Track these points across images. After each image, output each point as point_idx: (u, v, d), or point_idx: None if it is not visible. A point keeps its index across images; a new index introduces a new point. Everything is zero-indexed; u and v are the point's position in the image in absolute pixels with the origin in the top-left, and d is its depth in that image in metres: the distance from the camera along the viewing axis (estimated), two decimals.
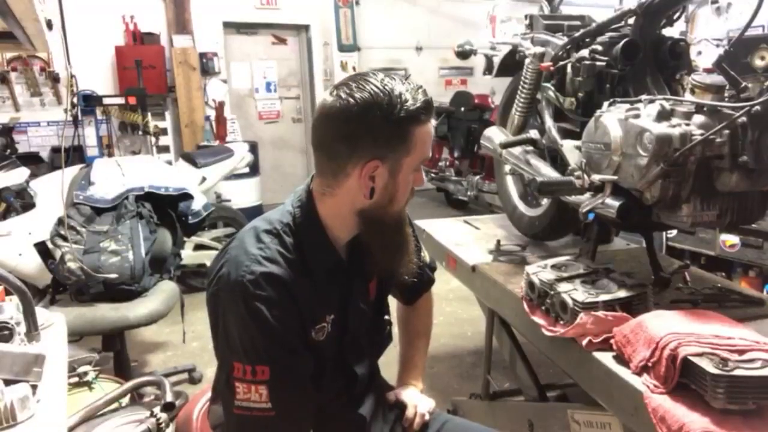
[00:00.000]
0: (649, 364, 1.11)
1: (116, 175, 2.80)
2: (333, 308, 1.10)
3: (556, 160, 1.91)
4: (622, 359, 1.20)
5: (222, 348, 1.04)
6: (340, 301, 1.12)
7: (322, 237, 1.08)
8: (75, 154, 5.23)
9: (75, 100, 5.25)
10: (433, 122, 1.05)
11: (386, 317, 1.29)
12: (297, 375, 1.02)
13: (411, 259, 1.17)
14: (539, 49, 2.01)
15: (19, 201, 2.73)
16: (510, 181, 2.37)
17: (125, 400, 1.72)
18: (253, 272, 0.98)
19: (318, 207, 1.08)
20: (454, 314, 3.73)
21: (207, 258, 3.90)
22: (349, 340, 1.16)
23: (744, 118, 1.20)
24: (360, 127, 0.98)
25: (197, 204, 3.02)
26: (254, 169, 5.20)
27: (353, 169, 1.01)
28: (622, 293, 1.33)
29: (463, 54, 2.50)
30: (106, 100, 5.31)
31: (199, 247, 3.99)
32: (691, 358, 1.02)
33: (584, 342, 1.27)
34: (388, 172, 1.02)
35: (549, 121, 1.95)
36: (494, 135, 2.21)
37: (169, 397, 1.62)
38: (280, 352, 1.00)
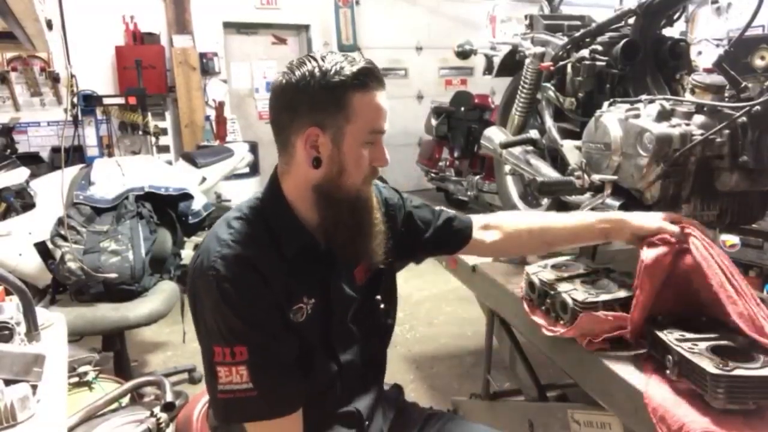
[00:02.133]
0: None
1: (116, 175, 2.80)
2: (313, 291, 1.10)
3: (556, 160, 1.91)
4: None
5: (202, 335, 1.06)
6: (321, 285, 1.12)
7: (290, 217, 1.09)
8: (75, 154, 5.22)
9: (75, 100, 5.25)
10: (382, 94, 1.04)
11: (377, 297, 1.25)
12: (276, 354, 1.03)
13: (376, 244, 1.13)
14: (539, 49, 2.01)
15: (19, 201, 2.73)
16: (510, 181, 2.37)
17: (125, 400, 1.72)
18: (223, 256, 1.01)
19: (283, 187, 1.10)
20: (454, 314, 3.74)
21: None
22: (336, 326, 1.15)
23: (744, 118, 1.20)
24: (297, 95, 1.02)
25: (197, 204, 3.03)
26: (254, 169, 5.20)
27: (296, 139, 1.04)
28: (622, 293, 1.32)
29: (463, 54, 2.50)
30: (106, 100, 5.30)
31: (199, 247, 3.99)
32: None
33: (584, 342, 1.27)
34: (330, 141, 1.03)
35: (549, 121, 1.95)
36: (494, 135, 2.21)
37: (169, 397, 1.62)
38: (255, 332, 1.01)
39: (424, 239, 1.32)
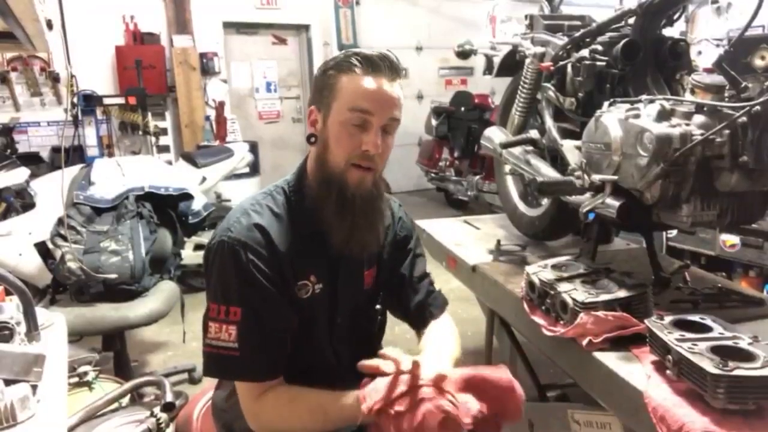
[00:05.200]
0: None
1: (116, 175, 2.79)
2: (321, 274, 1.15)
3: (556, 160, 1.91)
4: None
5: (208, 295, 1.11)
6: (328, 270, 1.16)
7: (305, 195, 1.15)
8: (75, 154, 5.23)
9: (75, 100, 5.25)
10: (372, 79, 1.08)
11: (378, 307, 1.31)
12: (268, 322, 1.07)
13: (362, 235, 1.13)
14: (539, 49, 2.01)
15: (19, 201, 2.73)
16: (510, 181, 2.37)
17: (125, 400, 1.72)
18: (240, 221, 1.09)
19: (307, 169, 1.18)
20: (454, 314, 3.70)
21: None
22: (339, 320, 1.19)
23: (744, 118, 1.20)
24: (312, 84, 1.18)
25: (197, 204, 3.02)
26: (254, 169, 5.20)
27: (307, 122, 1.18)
28: (622, 293, 1.32)
29: (463, 54, 2.50)
30: (106, 100, 5.32)
31: (199, 247, 3.99)
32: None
33: (584, 342, 1.27)
34: (321, 118, 1.13)
35: (549, 121, 1.95)
36: (494, 135, 2.21)
37: (169, 397, 1.62)
38: (254, 296, 1.06)
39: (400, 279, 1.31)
